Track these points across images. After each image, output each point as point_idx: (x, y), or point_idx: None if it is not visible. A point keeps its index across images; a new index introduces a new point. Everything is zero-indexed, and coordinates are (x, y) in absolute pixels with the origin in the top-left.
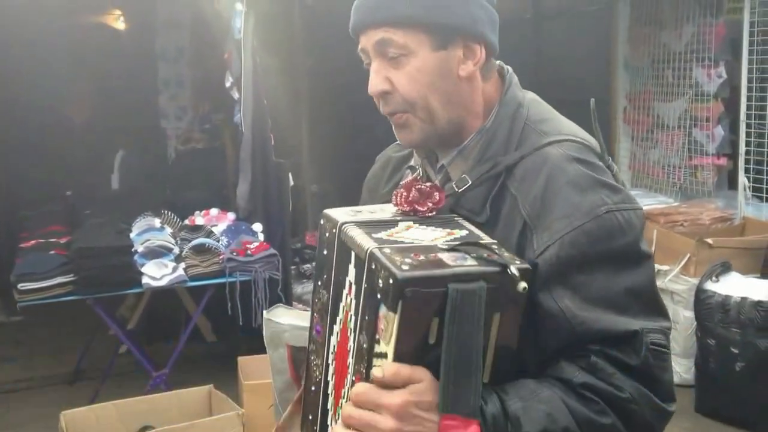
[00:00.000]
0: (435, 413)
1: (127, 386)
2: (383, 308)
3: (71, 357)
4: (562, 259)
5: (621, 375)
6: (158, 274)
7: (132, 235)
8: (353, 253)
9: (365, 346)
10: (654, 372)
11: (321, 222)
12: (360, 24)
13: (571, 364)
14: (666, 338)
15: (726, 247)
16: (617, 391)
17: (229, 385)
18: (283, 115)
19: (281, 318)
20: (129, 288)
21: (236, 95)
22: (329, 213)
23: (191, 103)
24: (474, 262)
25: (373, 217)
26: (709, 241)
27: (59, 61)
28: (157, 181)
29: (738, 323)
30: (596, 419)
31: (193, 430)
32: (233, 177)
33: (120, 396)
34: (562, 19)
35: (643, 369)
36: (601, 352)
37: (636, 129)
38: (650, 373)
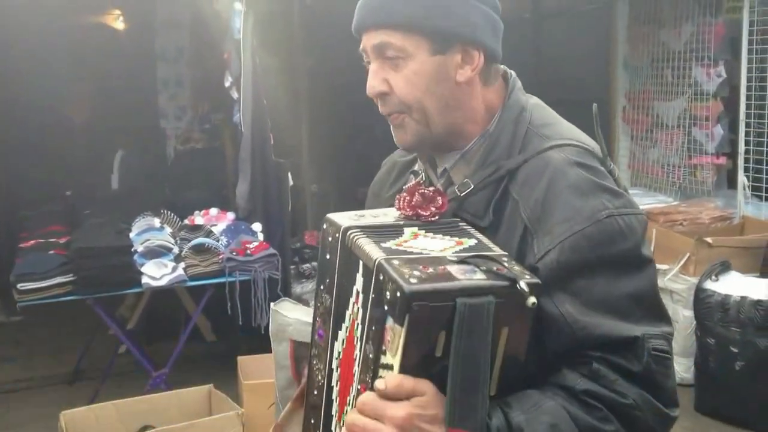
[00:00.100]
0: (439, 426)
1: (127, 386)
2: (390, 320)
3: (71, 357)
4: (563, 264)
5: (623, 381)
6: (158, 274)
7: (132, 235)
8: (361, 263)
9: (371, 357)
10: (656, 378)
11: (324, 226)
12: (361, 24)
13: (573, 372)
14: (668, 344)
15: (725, 246)
16: (620, 398)
17: (229, 385)
18: (283, 115)
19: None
20: (129, 288)
21: (235, 95)
22: (332, 217)
23: (191, 103)
24: (483, 276)
25: (377, 222)
26: (709, 241)
27: (59, 61)
28: (157, 181)
29: (737, 322)
30: (599, 426)
31: (193, 430)
32: (233, 177)
33: (120, 396)
34: (562, 19)
35: (646, 375)
36: (603, 359)
37: (635, 128)
38: (653, 379)
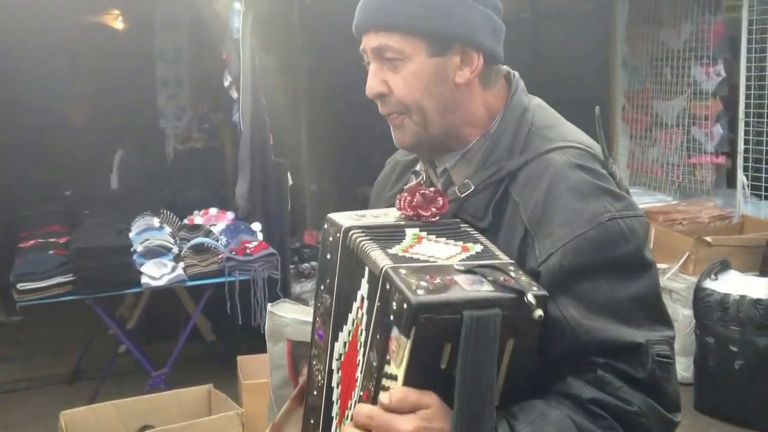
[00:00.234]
0: None
1: (127, 386)
2: (396, 330)
3: (71, 357)
4: (565, 268)
5: (628, 388)
6: (157, 274)
7: (131, 235)
8: (367, 269)
9: (375, 365)
10: (661, 384)
11: (324, 226)
12: (360, 26)
13: (578, 379)
14: (671, 348)
15: (725, 246)
16: (625, 405)
17: (229, 385)
18: (282, 115)
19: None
20: (128, 288)
21: (235, 95)
22: (333, 217)
23: (190, 103)
24: (490, 288)
25: (377, 222)
26: (708, 240)
27: (58, 61)
28: (156, 181)
29: (737, 321)
30: None
31: (193, 430)
32: (232, 176)
33: (119, 396)
34: (560, 18)
35: (650, 381)
36: (608, 365)
37: (634, 127)
38: (657, 385)
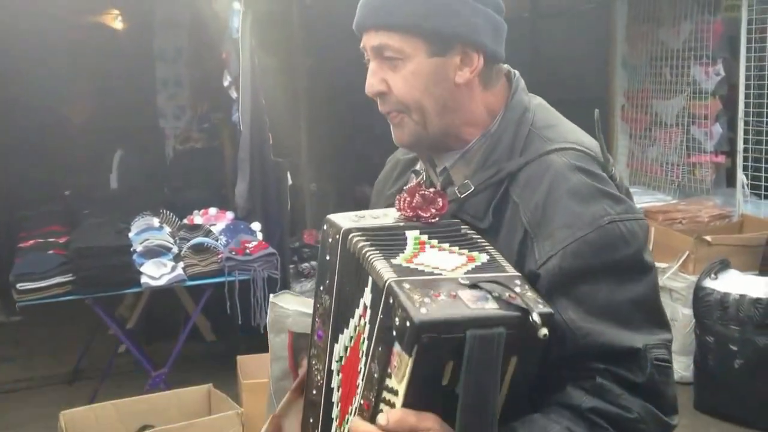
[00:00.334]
0: None
1: (127, 386)
2: (398, 346)
3: (70, 357)
4: (565, 270)
5: (628, 395)
6: (157, 274)
7: (131, 235)
8: (371, 279)
9: (376, 376)
10: (659, 388)
11: (324, 227)
12: (361, 24)
13: (578, 389)
14: (668, 352)
15: (724, 245)
16: (625, 413)
17: (229, 385)
18: (282, 115)
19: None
20: (128, 287)
21: (234, 95)
22: (332, 218)
23: (189, 103)
24: (495, 305)
25: (377, 224)
26: (708, 239)
27: (58, 61)
28: (156, 181)
29: (737, 320)
30: None
31: (193, 430)
32: (232, 176)
33: (119, 395)
34: (560, 18)
35: (649, 386)
36: (607, 371)
37: (634, 127)
38: (656, 390)
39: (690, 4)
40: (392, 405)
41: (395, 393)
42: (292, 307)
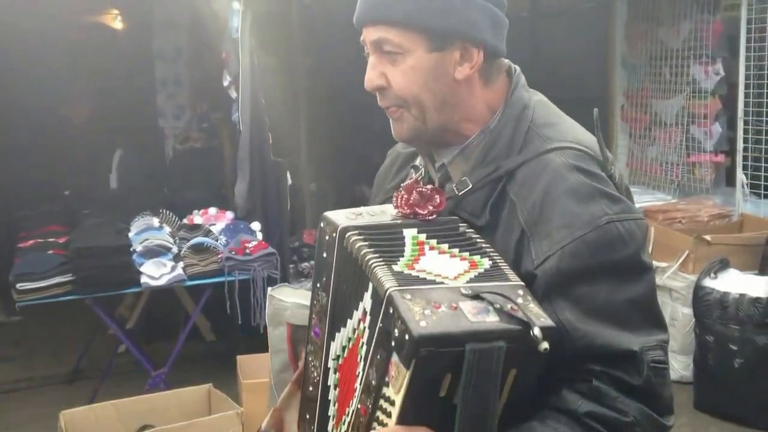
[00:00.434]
0: None
1: (127, 386)
2: (396, 356)
3: (70, 357)
4: (563, 271)
5: (624, 398)
6: (157, 274)
7: (130, 235)
8: (371, 285)
9: (374, 383)
10: (656, 389)
11: (321, 225)
12: (361, 18)
13: (574, 393)
14: (665, 353)
15: (724, 244)
16: (621, 416)
17: (229, 384)
18: (281, 114)
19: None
20: (128, 287)
21: (234, 94)
22: (329, 216)
23: (189, 103)
24: (496, 318)
25: (374, 221)
26: (708, 238)
27: (57, 61)
28: (156, 181)
29: (736, 320)
30: None
31: (193, 430)
32: (231, 176)
33: (119, 395)
34: (560, 17)
35: (646, 388)
36: (604, 373)
37: (634, 126)
38: (652, 391)
39: (689, 4)
40: (389, 414)
41: (392, 403)
42: (291, 300)
